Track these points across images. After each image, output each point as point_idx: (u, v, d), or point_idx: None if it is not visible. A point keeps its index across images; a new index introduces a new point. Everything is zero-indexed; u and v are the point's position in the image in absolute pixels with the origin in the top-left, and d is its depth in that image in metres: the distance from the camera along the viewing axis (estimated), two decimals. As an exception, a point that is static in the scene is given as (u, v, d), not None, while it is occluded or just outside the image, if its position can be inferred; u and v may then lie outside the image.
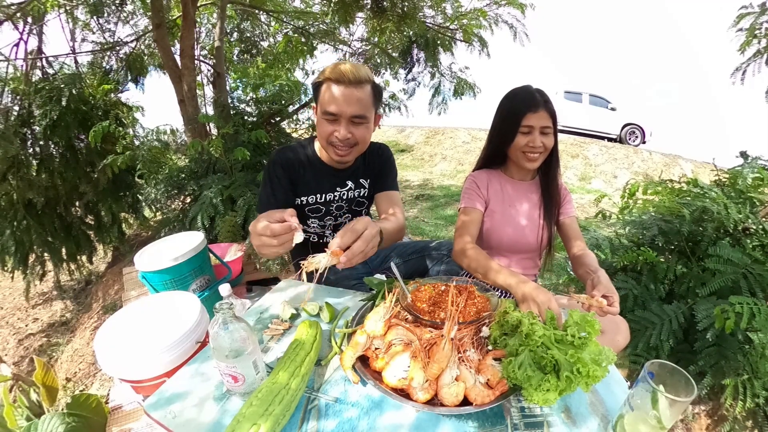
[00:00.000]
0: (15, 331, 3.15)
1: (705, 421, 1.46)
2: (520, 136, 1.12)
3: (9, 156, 2.65)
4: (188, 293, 0.98)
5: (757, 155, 1.71)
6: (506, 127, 1.14)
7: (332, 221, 1.27)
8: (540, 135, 1.11)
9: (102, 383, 1.98)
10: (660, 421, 0.53)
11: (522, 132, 1.12)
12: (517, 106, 1.12)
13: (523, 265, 1.27)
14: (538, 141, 1.11)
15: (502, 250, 1.25)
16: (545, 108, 1.10)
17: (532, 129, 1.10)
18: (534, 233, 1.21)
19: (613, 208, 2.01)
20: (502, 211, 1.22)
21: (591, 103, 7.84)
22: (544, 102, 1.10)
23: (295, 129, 3.70)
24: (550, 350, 0.60)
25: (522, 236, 1.21)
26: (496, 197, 1.23)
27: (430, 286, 0.88)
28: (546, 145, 1.12)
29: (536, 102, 1.10)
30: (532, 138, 1.11)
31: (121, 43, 3.87)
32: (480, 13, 3.62)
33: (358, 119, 1.04)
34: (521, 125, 1.10)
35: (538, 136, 1.10)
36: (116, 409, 0.96)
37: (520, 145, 1.13)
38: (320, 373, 0.75)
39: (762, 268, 1.33)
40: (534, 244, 1.22)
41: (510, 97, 1.17)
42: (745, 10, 2.50)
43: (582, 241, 1.19)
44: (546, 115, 1.10)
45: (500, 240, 1.22)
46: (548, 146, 1.13)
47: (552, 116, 1.11)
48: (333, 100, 1.00)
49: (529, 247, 1.23)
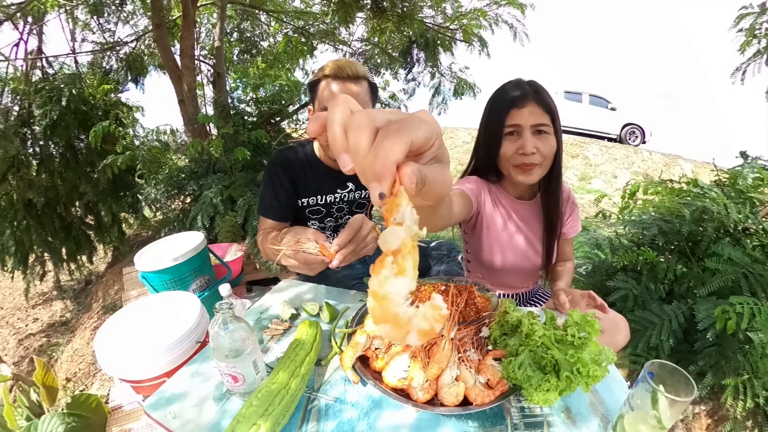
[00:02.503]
0: (15, 331, 3.14)
1: (705, 421, 1.46)
2: (507, 142, 0.89)
3: (9, 156, 2.65)
4: (188, 293, 0.98)
5: (757, 155, 1.71)
6: (489, 133, 0.92)
7: (333, 223, 1.27)
8: (533, 137, 0.86)
9: (102, 383, 1.98)
10: (660, 421, 0.53)
11: (508, 135, 0.89)
12: (499, 103, 0.89)
13: (523, 281, 1.17)
14: (530, 145, 0.85)
15: (496, 271, 1.10)
16: (536, 100, 0.86)
17: (520, 129, 0.87)
18: (533, 259, 1.07)
19: (613, 208, 2.01)
20: (496, 231, 1.04)
21: (591, 103, 7.85)
22: (534, 92, 0.87)
23: (295, 129, 3.70)
24: (550, 350, 0.60)
25: (518, 262, 1.06)
26: (490, 217, 1.04)
27: (430, 286, 0.88)
28: (542, 149, 0.86)
29: (522, 94, 0.86)
30: (522, 142, 0.86)
31: (121, 43, 3.87)
32: (480, 13, 3.62)
33: None
34: (505, 125, 0.88)
35: (530, 137, 0.86)
36: (116, 409, 0.96)
37: (508, 155, 0.89)
38: (320, 373, 0.75)
39: (762, 268, 1.33)
40: (532, 268, 1.08)
41: (494, 96, 0.93)
42: (745, 10, 2.50)
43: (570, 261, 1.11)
44: (538, 110, 0.85)
45: (493, 261, 1.07)
46: (545, 151, 0.87)
47: (548, 111, 0.86)
48: (332, 95, 1.00)
49: (528, 268, 1.09)
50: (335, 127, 0.29)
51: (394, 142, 0.26)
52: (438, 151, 0.31)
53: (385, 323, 0.32)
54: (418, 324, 0.32)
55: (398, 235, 0.28)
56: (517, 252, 1.06)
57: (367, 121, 0.27)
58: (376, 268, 0.30)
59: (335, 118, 0.29)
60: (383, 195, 0.27)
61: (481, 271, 1.15)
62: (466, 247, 1.16)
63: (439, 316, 0.32)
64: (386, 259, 0.29)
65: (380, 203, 0.28)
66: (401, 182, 0.27)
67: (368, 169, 0.27)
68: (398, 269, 0.29)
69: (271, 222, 1.15)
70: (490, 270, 1.10)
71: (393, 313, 0.31)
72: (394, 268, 0.29)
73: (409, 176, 0.27)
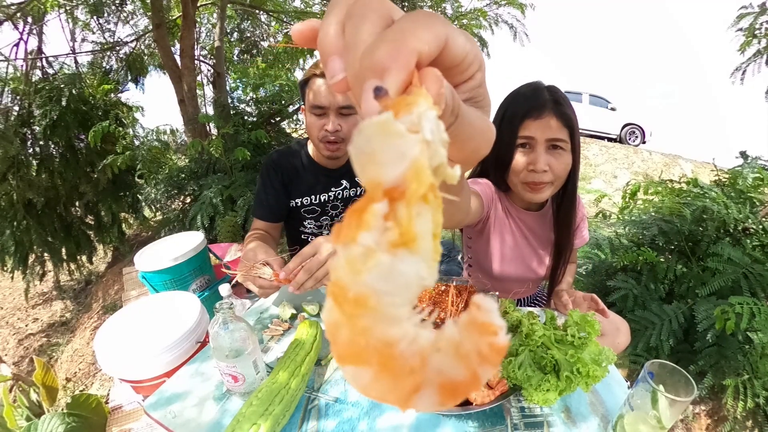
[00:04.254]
0: (15, 331, 3.14)
1: (705, 421, 1.46)
2: (518, 154, 0.81)
3: (9, 156, 2.65)
4: (188, 293, 0.98)
5: (757, 155, 1.71)
6: (500, 142, 0.81)
7: (328, 221, 1.27)
8: (546, 152, 0.78)
9: (102, 383, 1.98)
10: (660, 421, 0.53)
11: (520, 147, 0.80)
12: (514, 110, 0.81)
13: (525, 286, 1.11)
14: (543, 161, 0.77)
15: (496, 279, 1.04)
16: (555, 111, 0.77)
17: (533, 142, 0.78)
18: (537, 270, 1.01)
19: (613, 208, 2.01)
20: (500, 239, 0.97)
21: (591, 103, 7.84)
22: (554, 103, 0.78)
23: (295, 129, 3.70)
24: (550, 350, 0.60)
25: (522, 273, 1.01)
26: (498, 223, 0.97)
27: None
28: (554, 168, 0.78)
29: (540, 103, 0.78)
30: (534, 157, 0.78)
31: (121, 43, 3.87)
32: (480, 13, 3.62)
33: (346, 110, 1.02)
34: (518, 137, 0.79)
35: (543, 153, 0.78)
36: (116, 409, 0.96)
37: (518, 169, 0.81)
38: (320, 373, 0.75)
39: (762, 268, 1.33)
40: (535, 278, 1.04)
41: (508, 100, 0.85)
42: (745, 10, 2.50)
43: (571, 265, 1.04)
44: (556, 123, 0.76)
45: (493, 268, 1.01)
46: (558, 170, 0.78)
47: (568, 125, 0.77)
48: (320, 93, 0.99)
49: (530, 280, 1.04)
50: (329, 20, 0.18)
51: (418, 26, 0.16)
52: (478, 90, 0.21)
53: (361, 363, 0.14)
54: (441, 367, 0.14)
55: (404, 146, 0.13)
56: (522, 264, 1.00)
57: (378, 6, 0.17)
58: (344, 230, 0.13)
59: (333, 9, 0.18)
60: (381, 90, 0.14)
61: (479, 273, 1.10)
62: (468, 252, 1.09)
63: (493, 348, 0.14)
64: (370, 207, 0.13)
65: (374, 108, 0.14)
66: (422, 82, 0.15)
67: (367, 63, 0.15)
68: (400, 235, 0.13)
69: (261, 223, 1.16)
70: (491, 277, 1.04)
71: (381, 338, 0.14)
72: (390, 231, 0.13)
73: (437, 78, 0.16)
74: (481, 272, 1.08)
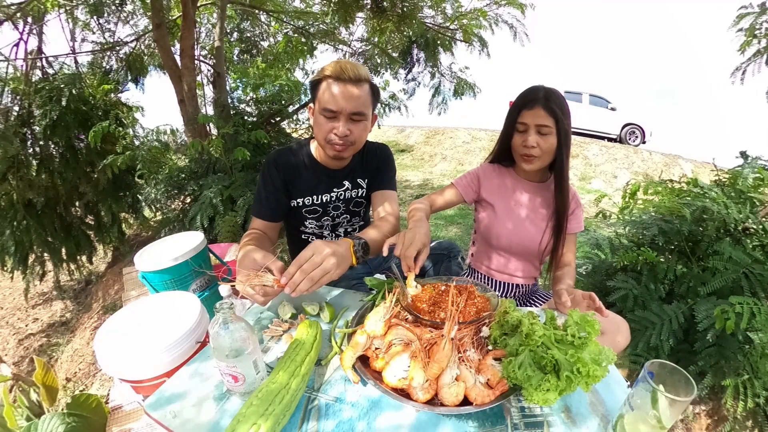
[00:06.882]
0: (15, 331, 3.15)
1: (705, 421, 1.46)
2: (517, 135, 1.11)
3: (9, 156, 2.65)
4: (188, 293, 0.98)
5: (757, 155, 1.71)
6: (506, 125, 1.15)
7: (330, 222, 1.26)
8: (536, 134, 1.06)
9: (102, 383, 1.98)
10: (660, 421, 0.53)
11: (518, 130, 1.10)
12: (515, 103, 1.11)
13: (523, 267, 1.25)
14: (532, 140, 1.06)
15: (501, 248, 1.23)
16: (543, 105, 1.04)
17: (526, 127, 1.07)
18: (535, 234, 1.18)
19: (613, 208, 2.01)
20: (503, 206, 1.21)
21: (591, 103, 7.85)
22: (545, 99, 1.05)
23: (295, 129, 3.70)
24: (550, 350, 0.60)
25: (521, 234, 1.19)
26: (496, 192, 1.22)
27: (430, 286, 0.88)
28: (542, 145, 1.07)
29: (533, 98, 1.06)
30: (526, 137, 1.07)
31: (121, 43, 3.87)
32: (480, 13, 3.63)
33: (357, 116, 1.03)
34: (517, 122, 1.09)
35: (533, 135, 1.06)
36: (116, 409, 0.96)
37: (516, 145, 1.12)
38: (320, 373, 0.75)
39: (762, 268, 1.33)
40: (533, 245, 1.19)
41: (518, 96, 1.15)
42: (745, 10, 2.50)
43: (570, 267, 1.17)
44: (543, 113, 1.04)
45: (498, 234, 1.20)
46: (544, 147, 1.07)
47: (553, 115, 1.05)
48: (333, 97, 1.00)
49: (529, 247, 1.20)
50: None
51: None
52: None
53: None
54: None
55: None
56: (517, 224, 1.19)
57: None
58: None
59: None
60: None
61: (484, 247, 1.29)
62: (476, 226, 1.34)
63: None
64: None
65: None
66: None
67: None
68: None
69: (260, 222, 1.15)
70: (492, 245, 1.24)
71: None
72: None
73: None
74: (482, 240, 1.28)
